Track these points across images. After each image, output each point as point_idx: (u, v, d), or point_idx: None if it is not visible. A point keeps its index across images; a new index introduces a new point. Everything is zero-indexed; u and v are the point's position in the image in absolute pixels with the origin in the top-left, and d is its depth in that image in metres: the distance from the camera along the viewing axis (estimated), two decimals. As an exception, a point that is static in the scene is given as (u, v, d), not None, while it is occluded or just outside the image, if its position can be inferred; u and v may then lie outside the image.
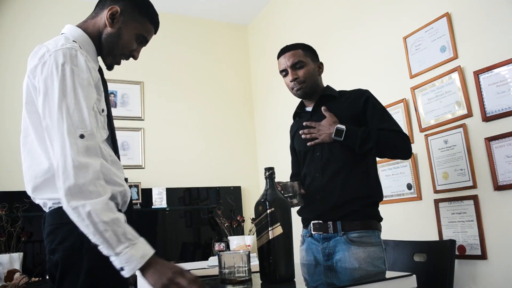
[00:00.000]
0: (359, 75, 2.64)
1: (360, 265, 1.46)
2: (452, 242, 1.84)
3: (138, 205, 3.20)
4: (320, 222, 1.57)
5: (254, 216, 1.15)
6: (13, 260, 2.46)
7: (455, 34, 2.02)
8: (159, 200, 3.29)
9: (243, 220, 3.23)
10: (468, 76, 1.95)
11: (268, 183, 1.14)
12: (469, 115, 1.94)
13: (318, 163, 1.61)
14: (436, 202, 2.08)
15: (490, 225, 1.84)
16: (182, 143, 3.65)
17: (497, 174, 1.80)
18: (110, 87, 3.85)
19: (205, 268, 1.51)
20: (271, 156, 3.68)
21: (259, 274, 1.12)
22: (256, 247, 1.12)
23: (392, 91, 2.36)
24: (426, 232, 2.12)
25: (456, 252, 1.91)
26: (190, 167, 3.62)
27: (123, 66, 1.35)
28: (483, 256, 1.85)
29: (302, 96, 1.72)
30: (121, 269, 0.97)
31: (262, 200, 1.10)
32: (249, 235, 3.11)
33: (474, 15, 1.94)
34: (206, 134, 3.77)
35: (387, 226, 2.33)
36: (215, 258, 1.70)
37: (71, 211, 0.98)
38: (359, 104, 1.61)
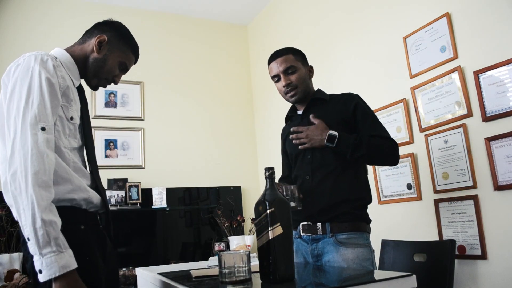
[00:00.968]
0: (359, 75, 2.64)
1: (348, 265, 1.47)
2: (452, 242, 1.84)
3: (138, 205, 3.20)
4: (309, 223, 1.58)
5: (254, 216, 1.15)
6: (13, 260, 2.46)
7: (455, 34, 2.02)
8: (159, 200, 3.29)
9: (243, 220, 3.23)
10: (468, 76, 1.95)
11: (268, 183, 1.14)
12: (469, 115, 1.94)
13: (309, 165, 1.62)
14: (436, 202, 2.08)
15: (490, 225, 1.84)
16: (182, 143, 3.65)
17: (497, 174, 1.80)
18: (110, 87, 3.80)
19: (205, 268, 1.51)
20: (271, 156, 3.68)
21: (259, 274, 1.12)
22: (256, 247, 1.12)
23: (392, 91, 2.36)
24: (426, 232, 2.12)
25: (456, 252, 1.91)
26: (190, 167, 3.62)
27: (123, 66, 1.41)
28: (483, 256, 1.85)
29: (295, 102, 1.72)
30: (39, 271, 0.98)
31: (262, 200, 1.10)
32: (249, 235, 3.11)
33: (474, 15, 1.94)
34: (206, 134, 3.77)
35: (387, 226, 2.34)
36: (215, 258, 1.70)
37: (13, 186, 1.00)
38: (348, 109, 1.62)
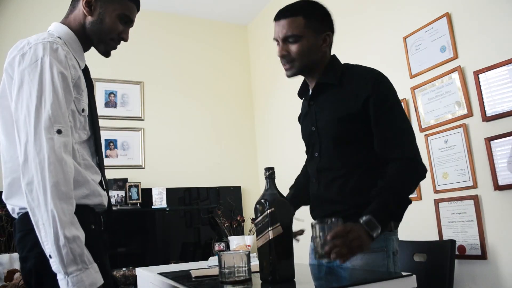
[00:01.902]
0: (359, 75, 2.63)
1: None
2: (452, 242, 1.84)
3: (138, 205, 3.20)
4: None
5: (254, 216, 1.15)
6: (13, 260, 2.46)
7: (455, 34, 2.02)
8: (159, 200, 3.29)
9: (243, 220, 3.23)
10: (468, 76, 1.95)
11: (268, 183, 1.14)
12: (469, 115, 1.94)
13: (315, 166, 1.43)
14: (436, 202, 2.08)
15: (490, 225, 1.84)
16: (182, 143, 3.65)
17: (497, 174, 1.80)
18: (110, 87, 3.86)
19: (205, 268, 1.51)
20: (271, 156, 3.68)
21: (259, 274, 1.12)
22: (256, 247, 1.12)
23: (392, 91, 2.36)
24: (426, 232, 2.12)
25: (456, 252, 1.91)
26: (190, 167, 3.62)
27: (123, 66, 1.35)
28: (483, 256, 1.85)
29: (290, 77, 1.40)
30: None
31: (262, 200, 1.10)
32: (249, 235, 3.11)
33: (474, 15, 1.94)
34: (206, 134, 3.77)
35: (387, 226, 2.34)
36: (215, 258, 1.70)
37: (30, 197, 0.94)
38: (358, 101, 1.29)
